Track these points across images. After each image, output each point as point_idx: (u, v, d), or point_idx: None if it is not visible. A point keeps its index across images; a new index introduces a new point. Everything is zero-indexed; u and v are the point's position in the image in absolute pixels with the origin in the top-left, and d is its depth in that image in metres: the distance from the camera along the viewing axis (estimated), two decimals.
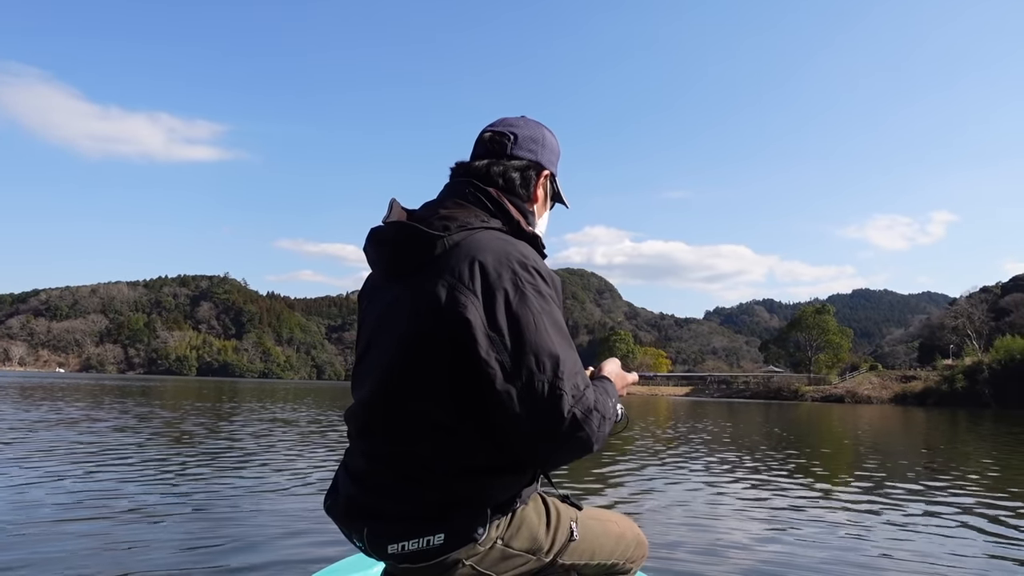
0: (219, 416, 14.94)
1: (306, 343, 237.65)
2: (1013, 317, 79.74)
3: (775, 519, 5.08)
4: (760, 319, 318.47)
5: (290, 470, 6.72)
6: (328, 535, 3.95)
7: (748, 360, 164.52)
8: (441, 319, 1.20)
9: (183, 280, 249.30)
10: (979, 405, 57.95)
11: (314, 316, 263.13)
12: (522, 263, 1.24)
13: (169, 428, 11.28)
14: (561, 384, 1.16)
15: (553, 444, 1.17)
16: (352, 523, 1.30)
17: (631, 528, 1.56)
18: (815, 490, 6.69)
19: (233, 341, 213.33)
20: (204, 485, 5.65)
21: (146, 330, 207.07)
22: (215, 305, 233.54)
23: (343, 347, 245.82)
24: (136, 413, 14.83)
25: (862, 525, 4.86)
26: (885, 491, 6.66)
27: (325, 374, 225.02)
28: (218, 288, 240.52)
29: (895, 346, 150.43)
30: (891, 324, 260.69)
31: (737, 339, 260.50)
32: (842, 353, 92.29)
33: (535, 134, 1.48)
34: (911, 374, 76.20)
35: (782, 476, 7.68)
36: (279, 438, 10.07)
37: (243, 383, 79.51)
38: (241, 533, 4.04)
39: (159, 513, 4.50)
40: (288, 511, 4.73)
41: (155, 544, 3.72)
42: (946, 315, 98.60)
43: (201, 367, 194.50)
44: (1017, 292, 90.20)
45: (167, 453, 7.79)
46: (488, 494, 1.26)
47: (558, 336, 1.21)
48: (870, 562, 3.84)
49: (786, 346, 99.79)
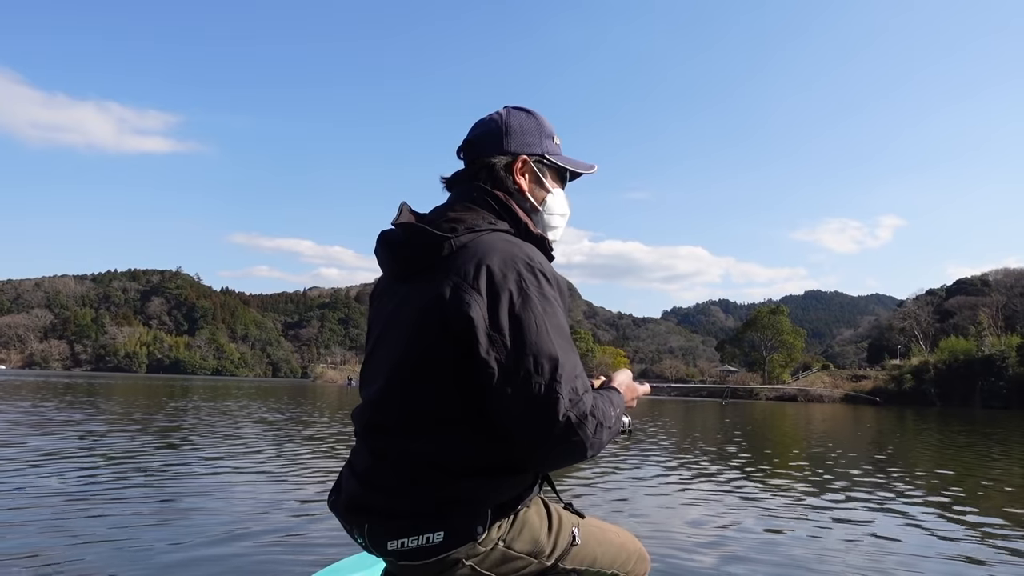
0: (188, 413, 14.47)
1: (261, 340, 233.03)
2: (957, 319, 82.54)
3: (729, 517, 5.19)
4: (716, 319, 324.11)
5: (286, 471, 6.57)
6: (325, 536, 3.98)
7: (704, 359, 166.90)
8: (445, 317, 1.22)
9: (133, 274, 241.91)
10: (925, 404, 59.92)
11: (270, 312, 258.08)
12: (528, 265, 1.25)
13: (139, 426, 10.88)
14: (558, 387, 1.16)
15: (547, 446, 1.18)
16: (354, 519, 1.32)
17: (632, 541, 1.56)
18: (768, 488, 6.88)
19: (185, 337, 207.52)
20: (187, 483, 5.47)
21: (94, 326, 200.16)
22: (167, 300, 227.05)
23: (299, 344, 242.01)
24: (105, 411, 14.24)
25: (817, 523, 5.09)
26: (836, 488, 6.94)
27: (281, 371, 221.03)
28: (170, 283, 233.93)
29: (845, 346, 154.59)
30: (841, 325, 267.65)
31: (694, 339, 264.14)
32: (795, 353, 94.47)
33: (497, 127, 1.46)
34: (861, 373, 78.43)
35: (736, 474, 7.82)
36: (259, 435, 9.81)
37: (196, 380, 77.79)
38: (240, 534, 4.04)
39: (157, 514, 4.42)
40: (287, 512, 4.74)
41: (155, 545, 3.73)
42: (894, 316, 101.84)
43: (152, 364, 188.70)
44: (961, 295, 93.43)
45: (142, 449, 7.49)
46: (489, 493, 1.26)
47: (559, 339, 1.22)
48: (822, 556, 4.02)
49: (741, 346, 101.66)
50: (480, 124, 1.49)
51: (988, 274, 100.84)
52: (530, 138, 1.47)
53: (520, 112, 1.49)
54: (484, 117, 1.50)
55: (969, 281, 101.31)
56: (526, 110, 1.50)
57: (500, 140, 1.45)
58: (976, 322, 74.24)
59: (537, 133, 1.49)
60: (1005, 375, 59.75)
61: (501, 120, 1.47)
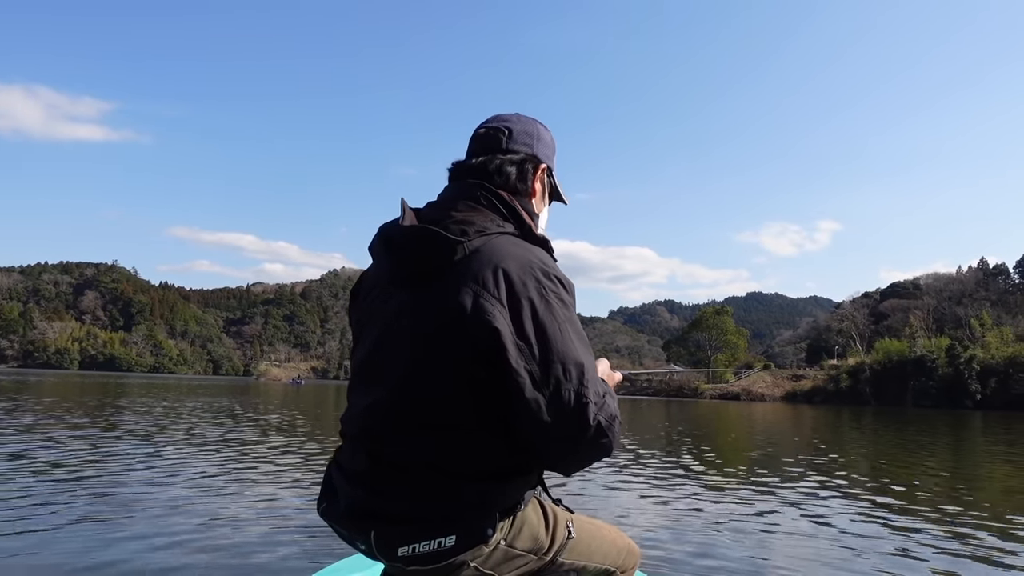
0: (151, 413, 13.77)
1: (202, 336, 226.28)
2: (891, 321, 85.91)
3: (672, 514, 5.34)
4: (662, 319, 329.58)
5: (276, 472, 6.32)
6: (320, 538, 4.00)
7: (650, 359, 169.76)
8: (466, 326, 1.21)
9: (65, 267, 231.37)
10: (860, 402, 62.10)
11: (211, 308, 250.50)
12: (544, 272, 1.26)
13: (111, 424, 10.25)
14: (587, 392, 1.19)
15: (579, 450, 1.21)
16: (357, 525, 1.29)
17: (621, 536, 1.59)
18: (713, 484, 7.12)
19: (121, 333, 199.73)
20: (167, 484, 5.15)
21: (21, 320, 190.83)
22: (101, 295, 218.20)
23: (242, 341, 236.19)
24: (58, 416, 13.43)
25: (757, 518, 5.35)
26: (777, 482, 7.28)
27: (222, 369, 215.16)
28: (105, 277, 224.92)
29: (784, 347, 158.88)
30: (781, 326, 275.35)
31: (640, 338, 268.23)
32: (739, 353, 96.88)
33: (529, 128, 1.48)
34: (800, 373, 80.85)
35: (680, 471, 7.98)
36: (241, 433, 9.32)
37: (132, 378, 75.02)
38: (237, 534, 4.07)
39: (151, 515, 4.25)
40: (282, 513, 4.77)
41: (154, 546, 3.74)
42: (832, 318, 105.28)
43: (84, 361, 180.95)
44: (894, 298, 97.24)
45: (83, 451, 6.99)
46: (499, 497, 1.28)
47: (581, 344, 1.24)
48: (762, 550, 4.25)
49: (687, 345, 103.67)
50: (515, 119, 1.49)
51: (920, 278, 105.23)
52: (548, 151, 1.51)
53: (540, 124, 1.53)
54: (512, 115, 1.51)
55: (902, 285, 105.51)
56: (542, 123, 1.54)
57: (532, 142, 1.47)
58: (909, 324, 77.41)
59: (553, 148, 1.53)
60: (935, 375, 62.43)
61: (534, 124, 1.50)
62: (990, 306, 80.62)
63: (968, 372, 60.65)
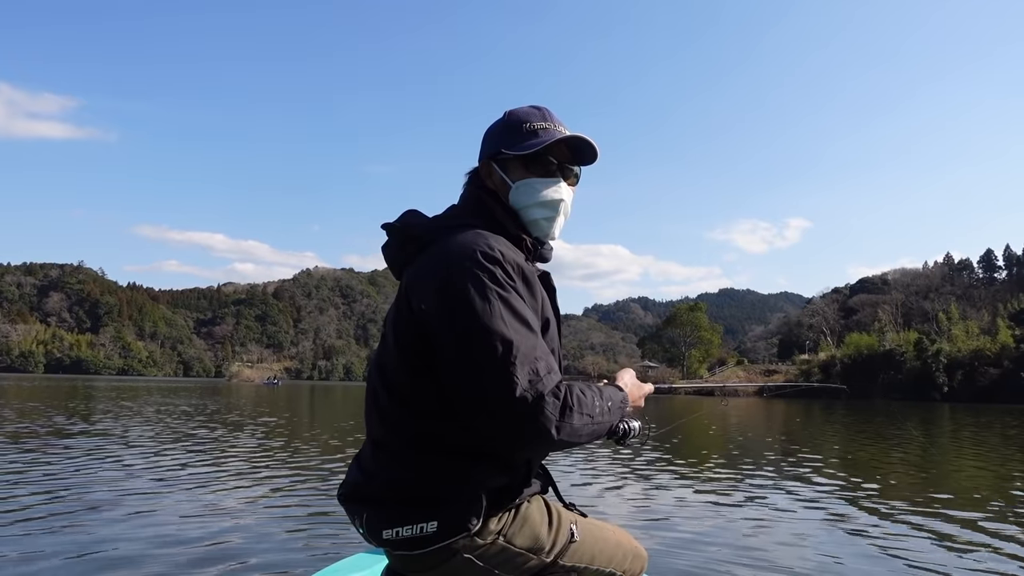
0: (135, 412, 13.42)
1: (172, 338, 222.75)
2: (860, 316, 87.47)
3: (656, 509, 5.40)
4: (635, 316, 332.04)
5: (275, 473, 6.17)
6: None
7: (624, 355, 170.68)
8: (411, 312, 1.29)
9: (29, 268, 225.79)
10: (832, 396, 62.98)
11: (181, 309, 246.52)
12: (486, 253, 1.26)
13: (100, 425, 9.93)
14: (513, 369, 1.17)
15: (507, 428, 1.19)
16: (354, 508, 1.35)
17: (628, 539, 1.57)
18: (691, 476, 7.22)
19: (88, 335, 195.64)
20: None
21: None
22: (67, 296, 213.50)
23: (213, 342, 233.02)
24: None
25: (735, 509, 5.42)
26: (751, 475, 7.47)
27: (193, 371, 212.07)
28: (70, 278, 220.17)
29: (757, 342, 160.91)
30: (753, 322, 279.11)
31: (614, 335, 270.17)
32: (713, 349, 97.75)
33: (487, 132, 1.52)
34: (773, 368, 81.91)
35: (660, 466, 7.95)
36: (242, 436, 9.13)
37: (100, 381, 73.48)
38: (237, 534, 4.10)
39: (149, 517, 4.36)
40: (283, 513, 4.78)
41: (153, 547, 3.74)
42: (803, 314, 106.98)
43: (50, 364, 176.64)
44: (863, 293, 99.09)
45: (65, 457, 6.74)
46: (477, 480, 1.28)
47: (515, 323, 1.22)
48: (738, 540, 4.34)
49: (661, 342, 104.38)
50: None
51: (887, 273, 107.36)
52: (494, 139, 1.48)
53: (500, 118, 1.50)
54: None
55: (871, 280, 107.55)
56: (510, 110, 1.50)
57: (483, 147, 1.51)
58: (877, 319, 78.79)
59: (501, 132, 1.47)
60: (903, 368, 63.64)
61: (492, 125, 1.53)
62: (955, 300, 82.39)
63: (936, 365, 61.95)
